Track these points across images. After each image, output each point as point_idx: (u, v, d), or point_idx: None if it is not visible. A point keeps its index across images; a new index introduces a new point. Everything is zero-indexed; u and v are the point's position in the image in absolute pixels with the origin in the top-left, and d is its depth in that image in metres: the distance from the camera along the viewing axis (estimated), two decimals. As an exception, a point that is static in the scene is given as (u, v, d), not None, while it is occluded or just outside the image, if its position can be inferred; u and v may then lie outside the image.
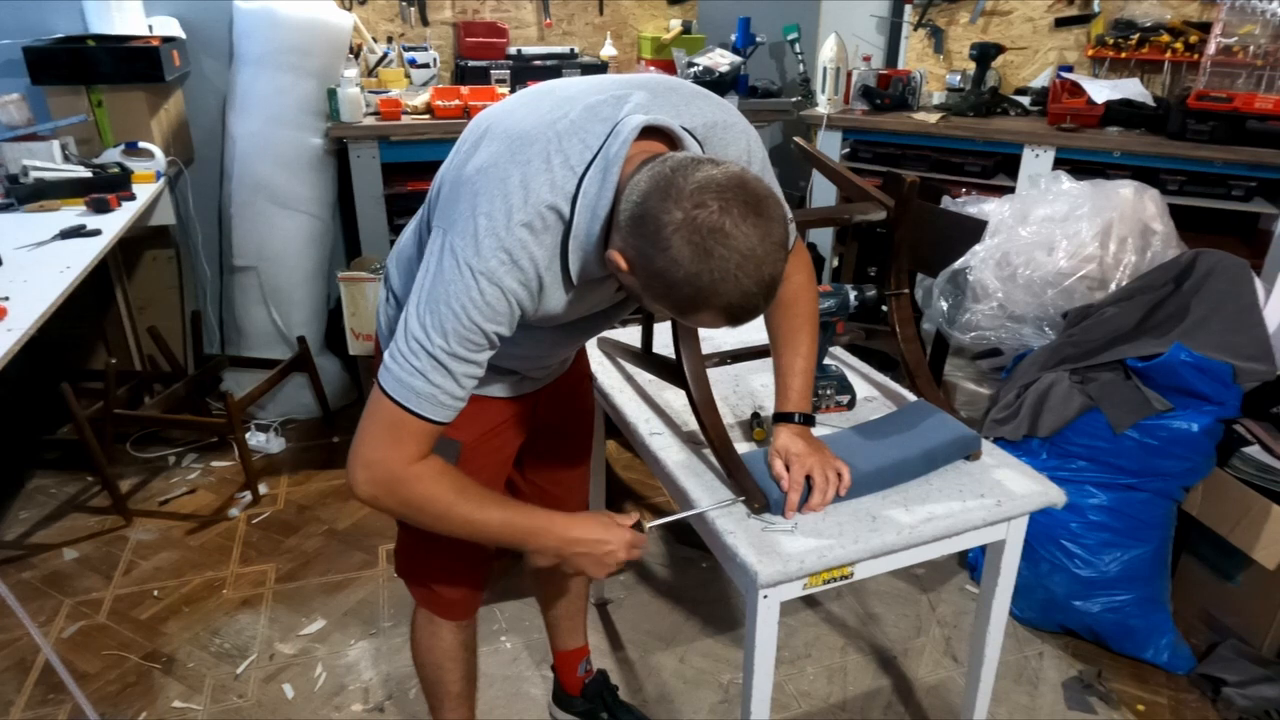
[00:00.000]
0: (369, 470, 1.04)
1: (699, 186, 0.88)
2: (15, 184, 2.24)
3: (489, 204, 0.97)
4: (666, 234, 0.88)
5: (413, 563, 1.43)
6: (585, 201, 0.97)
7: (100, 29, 2.60)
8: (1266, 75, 2.57)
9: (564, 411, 1.46)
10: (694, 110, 1.05)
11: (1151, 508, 1.93)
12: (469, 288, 0.96)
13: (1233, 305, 1.92)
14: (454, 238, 0.98)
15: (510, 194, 0.96)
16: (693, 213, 0.88)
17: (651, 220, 0.90)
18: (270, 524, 2.50)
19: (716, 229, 0.87)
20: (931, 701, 1.91)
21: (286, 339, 2.95)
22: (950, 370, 2.65)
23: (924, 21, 3.33)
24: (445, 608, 1.45)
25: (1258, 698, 1.82)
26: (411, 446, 1.04)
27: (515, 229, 0.96)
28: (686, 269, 0.88)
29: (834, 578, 1.20)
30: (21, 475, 2.69)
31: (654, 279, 0.92)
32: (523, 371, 1.29)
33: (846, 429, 1.39)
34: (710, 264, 0.88)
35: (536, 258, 0.98)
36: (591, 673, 1.81)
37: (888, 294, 1.53)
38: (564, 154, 0.98)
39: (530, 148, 0.98)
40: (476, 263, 0.96)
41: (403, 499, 1.07)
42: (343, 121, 2.71)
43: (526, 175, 0.97)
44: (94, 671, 1.96)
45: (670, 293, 0.92)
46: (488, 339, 1.00)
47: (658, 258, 0.90)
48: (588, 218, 0.98)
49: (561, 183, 0.97)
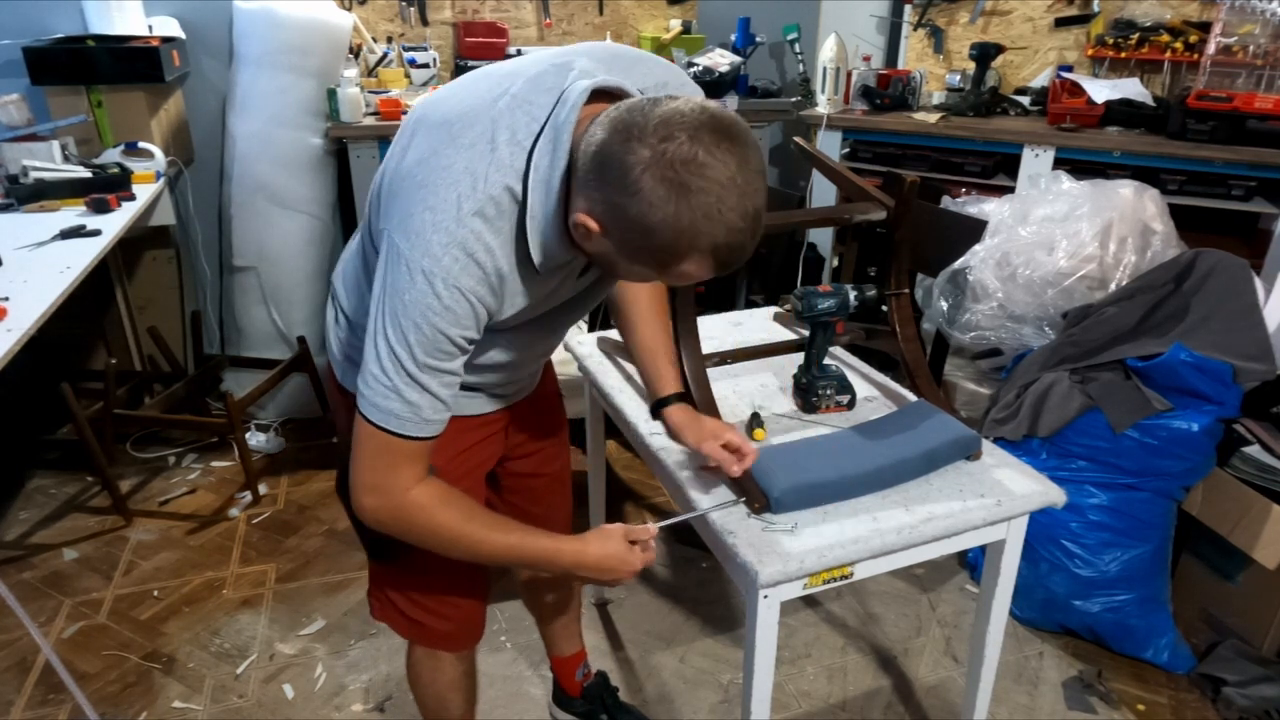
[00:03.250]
0: (371, 497, 1.02)
1: (662, 121, 0.81)
2: (15, 184, 2.24)
3: (433, 196, 0.90)
4: (635, 176, 0.81)
5: (404, 601, 1.34)
6: (538, 176, 0.90)
7: (100, 29, 2.60)
8: (1266, 75, 2.57)
9: (536, 429, 1.42)
10: (642, 71, 1.00)
11: (1151, 507, 1.93)
12: (424, 294, 0.90)
13: (1233, 305, 1.92)
14: (400, 240, 0.91)
15: (456, 182, 0.90)
16: (660, 147, 0.80)
17: (616, 165, 0.82)
18: (270, 524, 2.50)
19: (689, 160, 0.80)
20: (931, 701, 1.91)
21: (286, 339, 2.95)
22: (950, 370, 2.65)
23: (924, 21, 3.33)
24: (448, 640, 1.40)
25: (1258, 698, 1.82)
26: (406, 468, 1.01)
27: (466, 220, 0.89)
28: (663, 211, 0.81)
29: (834, 578, 1.20)
30: (21, 475, 2.69)
31: (629, 232, 0.84)
32: (492, 387, 1.24)
33: (846, 429, 1.39)
34: (689, 200, 0.80)
35: (493, 248, 0.92)
36: (590, 675, 1.80)
37: (888, 294, 1.53)
38: (510, 130, 0.91)
39: (471, 130, 0.92)
40: (428, 264, 0.89)
41: (407, 527, 1.05)
42: (343, 121, 2.71)
43: (471, 160, 0.90)
44: (94, 671, 1.96)
45: (649, 244, 0.84)
46: (456, 345, 0.95)
47: (630, 205, 0.82)
48: (542, 193, 0.91)
49: (510, 160, 0.90)
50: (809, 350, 1.52)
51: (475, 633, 1.43)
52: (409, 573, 1.30)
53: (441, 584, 1.32)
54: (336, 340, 1.21)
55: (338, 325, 1.20)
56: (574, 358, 1.80)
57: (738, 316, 1.94)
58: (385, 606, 1.36)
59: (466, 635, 1.42)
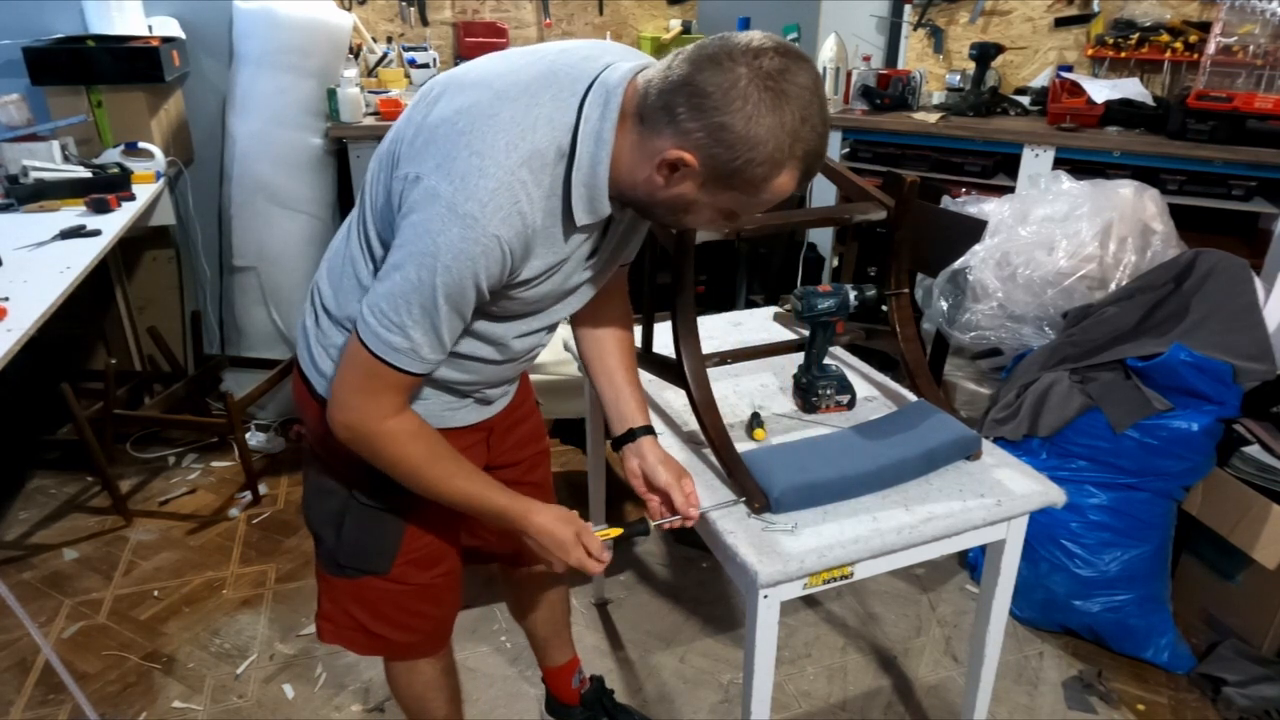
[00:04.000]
0: (345, 413, 1.03)
1: (746, 44, 0.87)
2: (15, 184, 2.23)
3: (479, 142, 0.90)
4: (740, 89, 0.85)
5: (365, 614, 1.30)
6: (588, 128, 0.93)
7: (100, 29, 2.60)
8: (1266, 75, 2.57)
9: (516, 438, 1.41)
10: None
11: (1151, 507, 1.93)
12: (461, 238, 0.90)
13: (1233, 305, 1.92)
14: (440, 183, 0.90)
15: (504, 130, 0.90)
16: (755, 63, 0.86)
17: (715, 88, 0.86)
18: (270, 524, 2.50)
19: (783, 71, 0.86)
20: (931, 701, 1.91)
21: (286, 339, 2.95)
22: (950, 370, 2.65)
23: (924, 21, 3.33)
24: (411, 650, 1.38)
25: (1258, 697, 1.82)
26: (389, 397, 1.02)
27: (515, 169, 0.90)
28: (770, 119, 0.86)
29: (834, 578, 1.20)
30: (21, 475, 2.69)
31: (730, 151, 0.87)
32: (482, 387, 1.22)
33: (846, 429, 1.39)
34: (789, 106, 0.86)
35: (535, 199, 0.93)
36: (586, 682, 1.77)
37: (888, 294, 1.53)
38: (554, 89, 0.93)
39: (514, 86, 0.93)
40: (473, 208, 0.89)
41: (374, 451, 1.05)
42: (343, 121, 2.71)
43: (516, 112, 0.91)
44: (94, 672, 1.96)
45: (752, 157, 0.88)
46: (478, 291, 0.95)
47: (735, 121, 0.86)
48: (592, 144, 0.93)
49: (556, 115, 0.93)
50: (809, 350, 1.52)
51: (442, 641, 1.42)
52: (372, 586, 1.27)
53: (407, 595, 1.29)
54: (318, 346, 1.15)
55: (318, 328, 1.15)
56: (574, 358, 1.80)
57: (738, 316, 1.94)
58: (339, 627, 1.32)
59: (432, 644, 1.40)
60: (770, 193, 0.92)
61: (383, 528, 1.24)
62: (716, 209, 0.96)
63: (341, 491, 1.22)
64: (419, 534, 1.26)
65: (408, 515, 1.24)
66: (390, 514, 1.23)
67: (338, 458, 1.17)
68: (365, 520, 1.23)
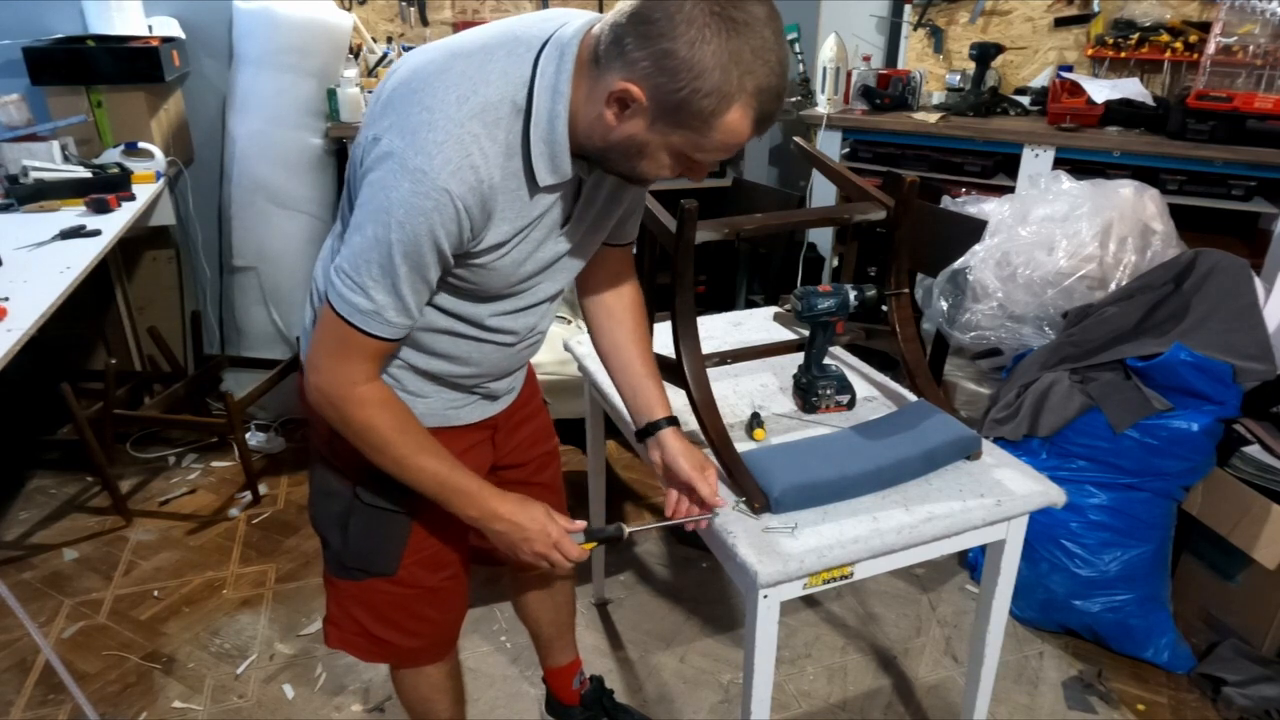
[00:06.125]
0: (317, 376, 1.03)
1: None
2: (15, 184, 2.24)
3: (430, 97, 0.89)
4: (685, 13, 0.82)
5: (370, 618, 1.29)
6: (544, 82, 0.91)
7: (100, 29, 2.60)
8: (1266, 75, 2.57)
9: (523, 437, 1.39)
10: None
11: (1151, 507, 1.93)
12: (412, 193, 0.88)
13: (1233, 305, 1.92)
14: (394, 139, 0.89)
15: (455, 85, 0.89)
16: None
17: (661, 14, 0.83)
18: (270, 524, 2.50)
19: (736, 1, 0.83)
20: (931, 701, 1.91)
21: (286, 339, 2.96)
22: (950, 370, 2.65)
23: (924, 21, 3.33)
24: (416, 656, 1.38)
25: (1258, 697, 1.82)
26: (358, 363, 1.01)
27: (465, 121, 0.89)
28: (715, 44, 0.82)
29: (834, 578, 1.20)
30: (21, 475, 2.69)
31: (675, 80, 0.84)
32: (483, 380, 1.21)
33: (846, 429, 1.39)
34: (738, 34, 0.83)
35: (489, 155, 0.91)
36: (586, 683, 1.77)
37: (888, 294, 1.53)
38: (510, 44, 0.93)
39: (467, 48, 0.93)
40: (421, 161, 0.88)
41: (343, 417, 1.04)
42: (343, 121, 2.71)
43: (469, 67, 0.91)
44: (94, 672, 1.96)
45: (698, 88, 0.84)
46: (436, 250, 0.93)
47: (679, 47, 0.83)
48: (549, 98, 0.91)
49: (510, 70, 0.91)
50: (809, 350, 1.52)
51: (447, 648, 1.41)
52: (377, 589, 1.27)
53: (414, 599, 1.29)
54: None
55: None
56: (574, 358, 1.80)
57: (738, 316, 1.94)
58: (344, 632, 1.32)
59: (437, 650, 1.39)
60: (721, 132, 0.89)
61: (389, 529, 1.23)
62: (669, 151, 0.93)
63: (346, 492, 1.22)
64: (427, 535, 1.26)
65: (415, 516, 1.23)
66: (396, 514, 1.22)
67: (343, 458, 1.16)
68: (371, 521, 1.22)
